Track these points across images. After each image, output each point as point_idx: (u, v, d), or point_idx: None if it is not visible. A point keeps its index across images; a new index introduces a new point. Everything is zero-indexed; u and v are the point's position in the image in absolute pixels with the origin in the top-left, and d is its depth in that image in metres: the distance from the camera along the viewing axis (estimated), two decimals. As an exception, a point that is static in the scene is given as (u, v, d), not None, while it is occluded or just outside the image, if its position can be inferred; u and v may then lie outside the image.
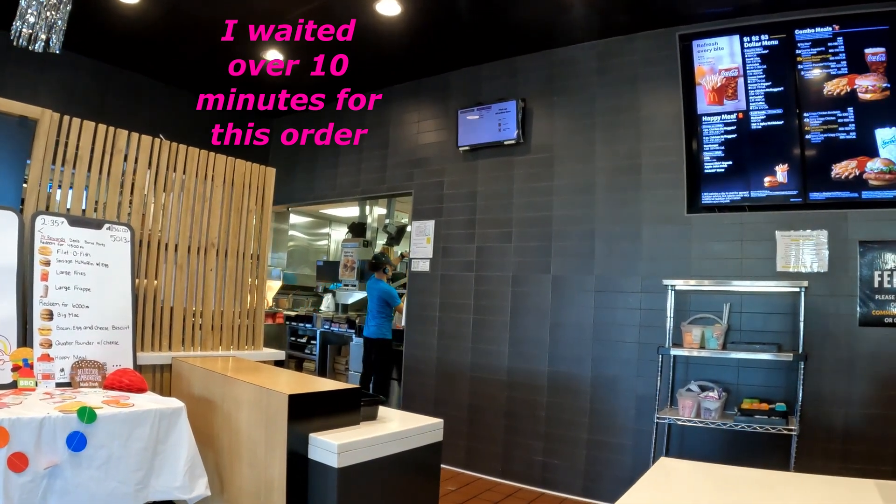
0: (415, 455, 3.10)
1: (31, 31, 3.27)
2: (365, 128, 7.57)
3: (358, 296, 9.57)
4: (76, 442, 2.51)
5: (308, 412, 2.86)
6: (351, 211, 10.92)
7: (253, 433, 3.03)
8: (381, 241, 10.09)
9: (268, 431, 2.92)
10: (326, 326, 8.78)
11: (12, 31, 3.25)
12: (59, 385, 3.18)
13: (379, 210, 10.44)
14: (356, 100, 7.70)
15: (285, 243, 10.99)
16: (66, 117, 3.67)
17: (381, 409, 3.35)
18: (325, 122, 8.11)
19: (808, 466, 4.08)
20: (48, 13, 3.28)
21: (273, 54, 6.45)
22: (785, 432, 4.22)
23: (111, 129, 3.89)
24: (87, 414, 2.54)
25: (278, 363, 4.63)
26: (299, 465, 2.80)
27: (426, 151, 6.87)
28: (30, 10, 3.22)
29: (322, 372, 8.86)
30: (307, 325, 9.14)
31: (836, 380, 4.47)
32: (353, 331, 8.34)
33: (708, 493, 2.27)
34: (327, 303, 10.11)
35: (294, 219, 11.22)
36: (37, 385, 3.05)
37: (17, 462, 2.34)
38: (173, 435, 2.89)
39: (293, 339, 9.35)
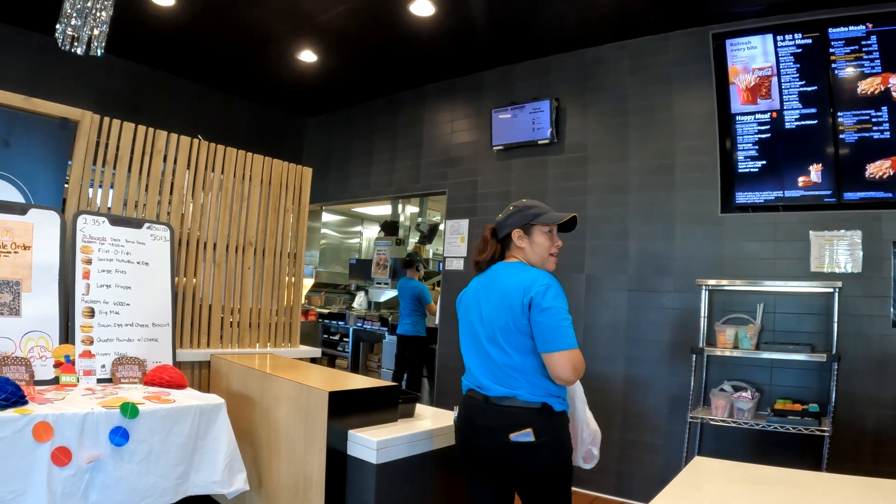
0: (451, 452, 3.10)
1: (74, 34, 3.32)
2: (398, 127, 7.60)
3: (390, 294, 9.61)
4: (119, 437, 2.54)
5: (347, 409, 2.88)
6: (383, 209, 10.96)
7: (292, 429, 3.06)
8: (413, 240, 10.11)
9: (307, 427, 2.94)
10: (359, 324, 8.83)
11: (57, 34, 3.30)
12: (100, 381, 3.23)
13: (411, 208, 10.46)
14: (389, 99, 7.74)
15: (317, 241, 11.05)
16: (107, 119, 3.73)
17: (418, 407, 3.37)
18: (358, 121, 8.16)
19: (840, 467, 4.00)
20: (91, 16, 3.33)
21: (307, 54, 6.49)
22: (817, 433, 4.16)
23: (150, 130, 3.95)
24: (129, 409, 2.58)
25: (313, 360, 4.67)
26: (338, 461, 2.82)
27: (460, 151, 6.87)
28: (73, 13, 3.27)
29: (354, 369, 8.91)
30: (339, 323, 9.19)
31: (868, 381, 4.38)
32: (386, 329, 8.37)
33: (743, 492, 2.24)
34: (360, 300, 10.16)
35: (326, 217, 11.27)
36: (78, 381, 3.11)
37: (61, 456, 2.38)
38: (213, 430, 2.93)
39: (326, 336, 9.42)
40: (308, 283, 10.42)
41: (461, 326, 2.77)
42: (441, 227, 9.37)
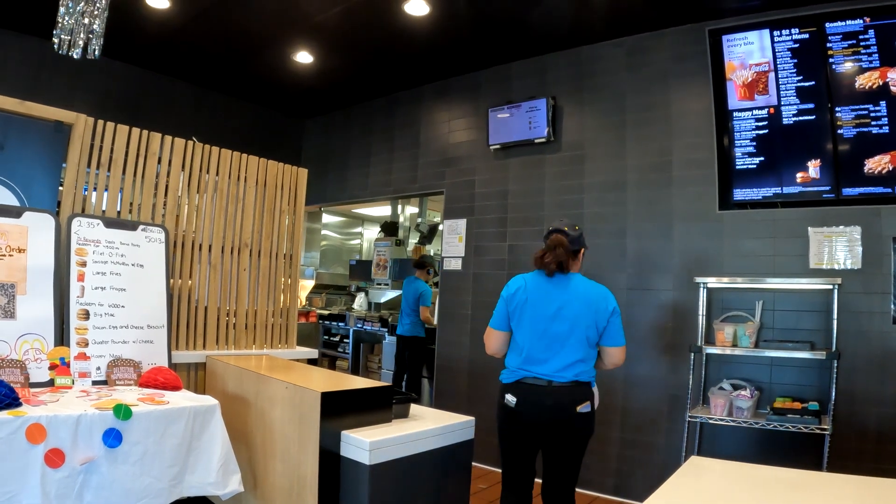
0: (446, 452, 3.11)
1: (70, 38, 3.33)
2: (396, 127, 7.60)
3: (391, 294, 9.61)
4: (112, 438, 2.55)
5: (340, 410, 2.88)
6: (383, 210, 10.97)
7: (286, 430, 3.06)
8: (413, 240, 10.11)
9: (301, 428, 2.94)
10: (359, 325, 8.83)
11: (54, 39, 3.31)
12: (95, 383, 3.24)
13: (411, 209, 10.46)
14: (387, 100, 7.74)
15: (318, 242, 11.06)
16: (101, 121, 3.73)
17: (413, 407, 3.36)
18: (356, 122, 8.16)
19: (841, 466, 3.99)
20: (87, 21, 3.35)
21: (304, 55, 6.49)
22: (818, 431, 4.14)
23: (145, 132, 3.95)
24: (122, 411, 2.59)
25: (311, 361, 4.67)
26: (331, 461, 2.82)
27: (457, 150, 6.86)
28: (69, 19, 3.28)
29: (355, 370, 8.91)
30: (340, 324, 9.20)
31: (869, 379, 4.36)
32: (386, 329, 8.37)
33: (739, 492, 2.24)
34: (360, 301, 10.17)
35: (326, 218, 11.28)
36: (73, 383, 3.11)
37: (54, 458, 2.39)
38: (207, 432, 2.93)
39: (326, 337, 9.43)
40: (309, 284, 10.44)
41: (522, 317, 3.26)
42: (440, 226, 9.39)
